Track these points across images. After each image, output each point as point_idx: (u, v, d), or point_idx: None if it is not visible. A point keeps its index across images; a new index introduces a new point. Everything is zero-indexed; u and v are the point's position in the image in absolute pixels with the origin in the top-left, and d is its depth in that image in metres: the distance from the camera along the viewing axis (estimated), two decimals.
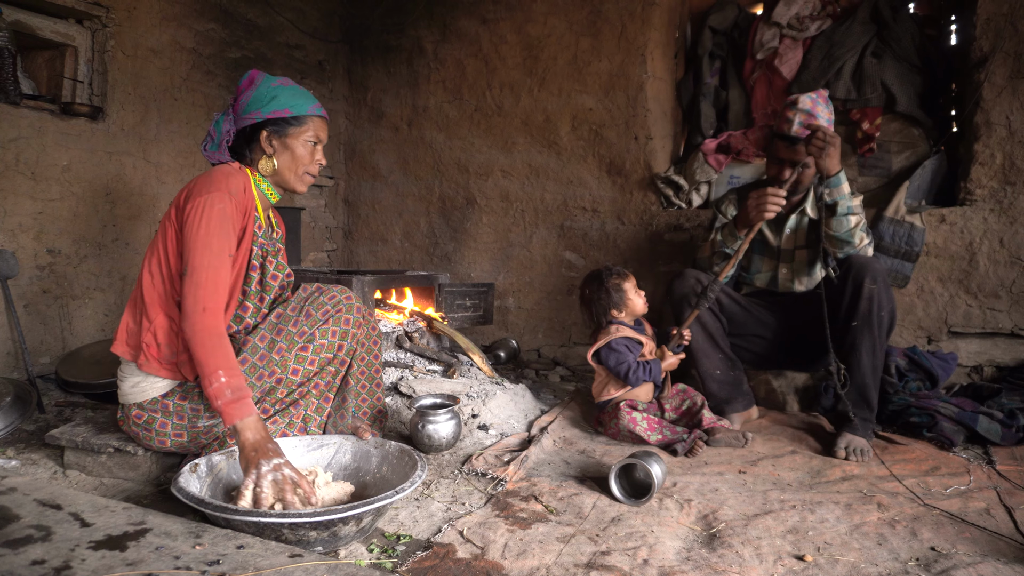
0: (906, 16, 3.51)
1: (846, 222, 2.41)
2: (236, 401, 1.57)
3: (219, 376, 1.58)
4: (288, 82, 1.92)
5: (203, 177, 1.80)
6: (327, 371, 1.94)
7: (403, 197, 4.45)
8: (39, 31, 3.00)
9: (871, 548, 1.55)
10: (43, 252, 2.95)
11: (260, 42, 3.94)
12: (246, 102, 1.87)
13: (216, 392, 1.57)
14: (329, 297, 1.93)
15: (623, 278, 2.54)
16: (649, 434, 2.30)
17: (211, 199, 1.72)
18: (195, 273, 1.66)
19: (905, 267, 3.11)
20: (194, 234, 1.69)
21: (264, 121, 1.87)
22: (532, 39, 3.95)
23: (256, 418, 1.59)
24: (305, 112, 1.89)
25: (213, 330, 1.63)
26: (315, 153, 1.94)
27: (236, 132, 1.90)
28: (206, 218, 1.70)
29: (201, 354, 1.60)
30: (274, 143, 1.89)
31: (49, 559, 1.19)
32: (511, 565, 1.43)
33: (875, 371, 2.32)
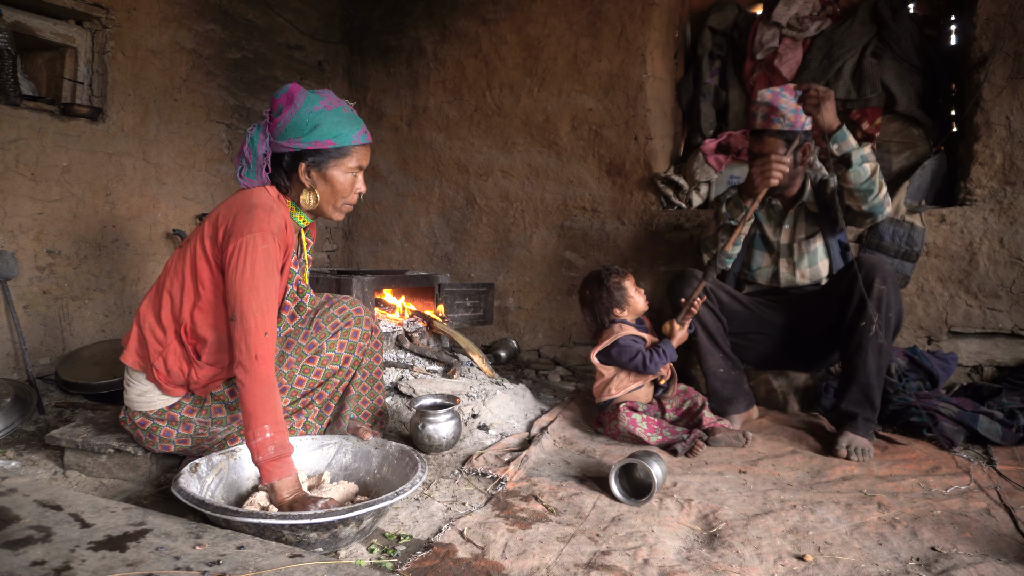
0: (906, 16, 3.51)
1: (863, 171, 2.39)
2: (278, 459, 1.51)
3: (265, 431, 1.51)
4: (332, 103, 1.76)
5: (242, 212, 1.67)
6: (331, 382, 1.94)
7: (403, 197, 4.45)
8: (39, 32, 3.00)
9: (871, 548, 1.55)
10: (43, 253, 2.95)
11: (260, 43, 3.94)
12: (284, 126, 1.72)
13: (260, 447, 1.51)
14: (339, 310, 1.92)
15: (623, 277, 2.55)
16: (649, 435, 2.31)
17: (255, 240, 1.61)
18: (244, 320, 1.57)
19: (905, 267, 3.11)
20: (240, 278, 1.59)
21: (303, 151, 1.73)
22: (532, 39, 3.96)
23: (295, 479, 1.53)
24: (349, 143, 1.76)
25: (265, 380, 1.56)
26: (356, 182, 1.83)
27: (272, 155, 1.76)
28: (251, 260, 1.60)
29: (251, 405, 1.53)
30: (313, 175, 1.76)
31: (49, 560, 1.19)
32: (511, 565, 1.43)
33: (880, 372, 2.32)
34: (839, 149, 2.38)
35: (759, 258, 2.78)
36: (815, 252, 2.69)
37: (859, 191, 2.41)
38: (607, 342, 2.49)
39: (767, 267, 2.76)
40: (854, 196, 2.44)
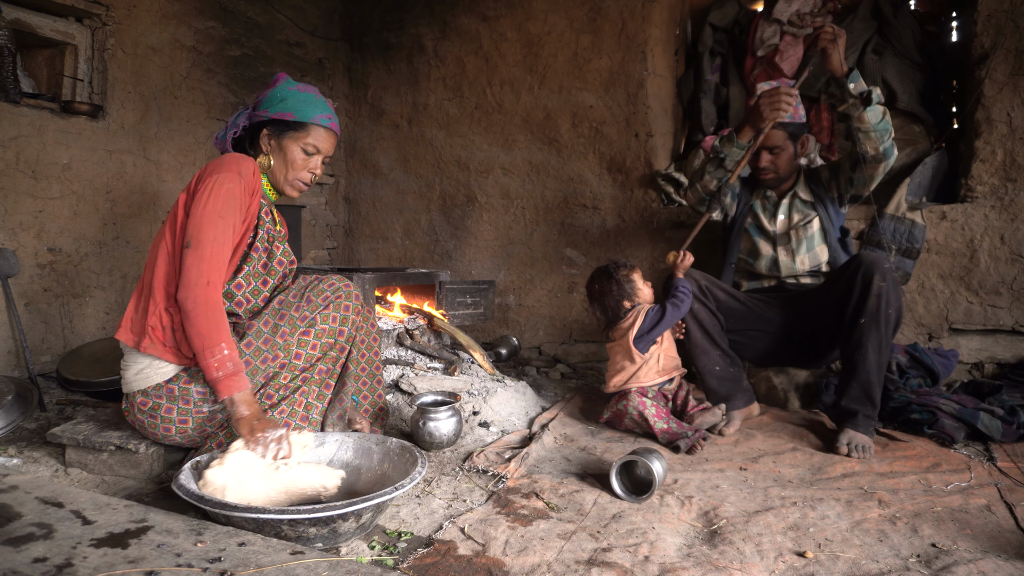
0: (907, 13, 3.51)
1: (878, 111, 2.43)
2: (235, 375, 1.64)
3: (222, 348, 1.63)
4: (306, 88, 1.95)
5: (214, 161, 1.84)
6: (329, 356, 1.97)
7: (404, 195, 4.45)
8: (39, 29, 2.99)
9: (872, 545, 1.55)
10: (44, 250, 2.95)
11: (260, 40, 3.94)
12: (261, 100, 1.93)
13: (219, 363, 1.62)
14: (328, 284, 1.99)
15: (631, 270, 2.59)
16: (656, 421, 2.32)
17: (220, 178, 1.76)
18: (200, 247, 1.69)
19: (906, 264, 3.11)
20: (201, 209, 1.72)
21: (268, 120, 1.91)
22: (532, 36, 3.95)
23: (250, 392, 1.66)
24: (307, 119, 1.91)
25: (216, 303, 1.68)
26: (309, 162, 1.96)
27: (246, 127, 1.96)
28: (215, 195, 1.74)
29: (204, 326, 1.64)
30: (272, 143, 1.93)
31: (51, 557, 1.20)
32: (512, 562, 1.43)
33: (880, 368, 2.32)
34: (856, 88, 2.41)
35: (758, 246, 2.79)
36: (812, 237, 2.72)
37: (876, 131, 2.45)
38: (639, 321, 2.51)
39: (767, 255, 2.77)
40: (871, 137, 2.46)
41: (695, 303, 2.57)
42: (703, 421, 2.39)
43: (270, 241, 1.94)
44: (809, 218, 2.72)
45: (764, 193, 2.80)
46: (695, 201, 2.84)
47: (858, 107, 2.42)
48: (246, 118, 1.96)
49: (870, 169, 2.55)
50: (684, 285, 2.53)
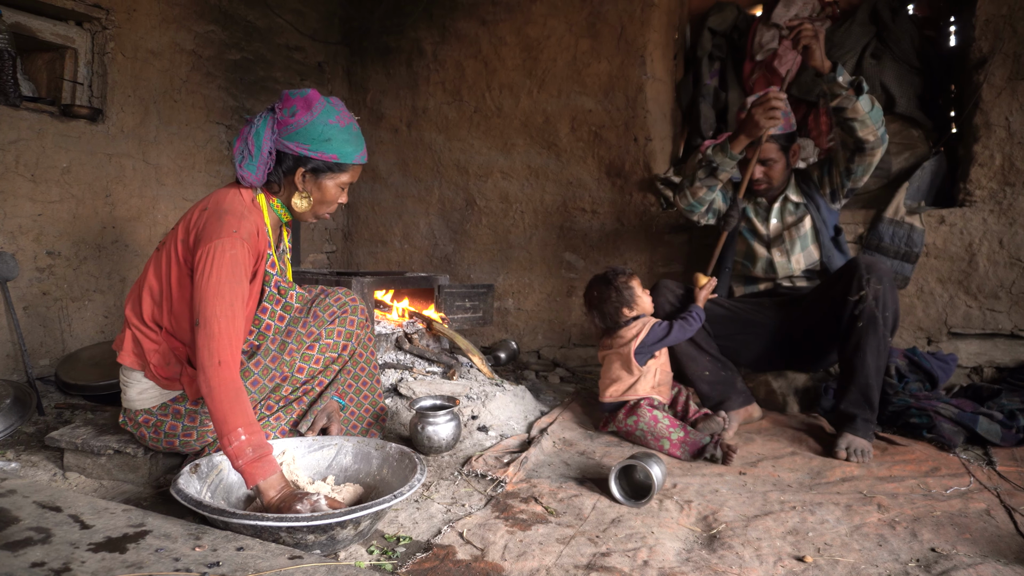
0: (905, 17, 3.51)
1: (868, 99, 2.44)
2: (258, 460, 1.48)
3: (239, 434, 1.48)
4: (345, 119, 1.78)
5: (213, 216, 1.68)
6: (330, 369, 1.98)
7: (403, 198, 4.45)
8: (39, 33, 3.00)
9: (871, 549, 1.55)
10: (43, 254, 2.95)
11: (260, 44, 3.94)
12: (295, 128, 1.72)
13: (238, 451, 1.47)
14: (335, 299, 1.98)
15: (629, 277, 2.55)
16: (671, 431, 2.27)
17: (222, 245, 1.61)
18: (207, 325, 1.56)
19: (905, 268, 3.11)
20: (205, 283, 1.59)
21: (306, 158, 1.75)
22: (531, 40, 3.96)
23: (279, 476, 1.51)
24: (351, 161, 1.79)
25: (230, 384, 1.53)
26: (342, 196, 1.86)
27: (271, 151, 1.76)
28: (216, 266, 1.60)
29: (218, 411, 1.50)
30: (308, 180, 1.79)
31: (49, 561, 1.19)
32: (511, 567, 1.43)
33: (878, 372, 2.32)
34: (845, 79, 2.42)
35: (754, 249, 2.80)
36: (805, 236, 2.73)
37: (871, 117, 2.45)
38: (643, 334, 2.47)
39: (762, 258, 2.78)
40: (867, 125, 2.47)
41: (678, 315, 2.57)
42: (706, 427, 2.37)
43: (281, 294, 1.88)
44: (801, 218, 2.73)
45: (755, 198, 2.80)
46: (684, 207, 2.82)
47: (851, 97, 2.43)
48: (271, 140, 1.73)
49: (869, 156, 2.55)
50: (699, 312, 2.53)
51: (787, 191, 2.75)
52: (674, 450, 2.24)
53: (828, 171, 2.71)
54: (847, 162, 2.61)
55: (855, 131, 2.48)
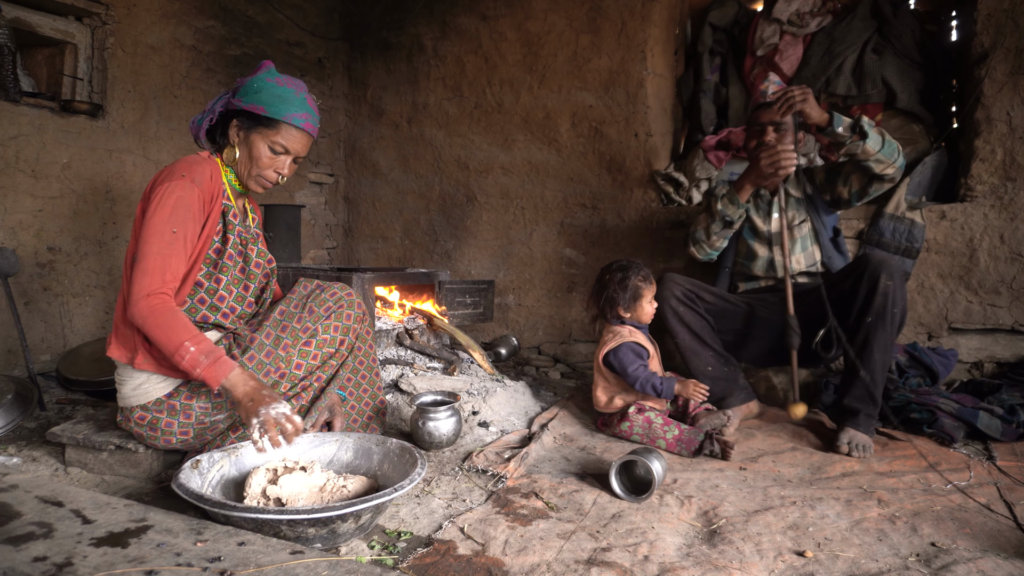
0: (906, 12, 3.51)
1: (875, 136, 2.45)
2: (213, 364, 1.58)
3: (188, 347, 1.56)
4: (287, 82, 1.83)
5: (167, 167, 1.77)
6: (328, 365, 1.97)
7: (403, 194, 4.44)
8: (39, 28, 2.99)
9: (871, 544, 1.55)
10: (44, 250, 2.95)
11: (260, 39, 3.94)
12: (240, 86, 1.83)
13: (191, 363, 1.56)
14: (331, 294, 1.97)
15: (646, 284, 2.44)
16: (666, 429, 2.26)
17: (171, 187, 1.69)
18: (143, 260, 1.63)
19: (905, 263, 3.11)
20: (148, 222, 1.66)
21: (240, 110, 1.81)
22: (532, 36, 3.95)
23: (240, 370, 1.60)
24: (279, 116, 1.79)
25: (162, 307, 1.60)
26: (276, 161, 1.84)
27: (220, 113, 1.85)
28: (162, 205, 1.67)
29: (159, 334, 1.58)
30: (240, 135, 1.83)
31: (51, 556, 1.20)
32: (512, 561, 1.43)
33: (884, 368, 2.32)
34: (845, 128, 2.44)
35: (754, 249, 2.79)
36: (806, 236, 2.74)
37: (884, 154, 2.47)
38: (613, 343, 2.40)
39: (763, 256, 2.78)
40: (882, 162, 2.48)
41: (681, 306, 2.54)
42: (707, 422, 2.36)
43: (243, 244, 1.89)
44: (802, 217, 2.73)
45: (757, 192, 2.79)
46: (702, 257, 2.87)
47: (857, 143, 2.45)
48: (223, 104, 1.84)
49: (889, 183, 2.57)
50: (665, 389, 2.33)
51: (787, 184, 2.75)
52: (671, 448, 2.24)
53: (832, 182, 2.70)
54: (863, 186, 2.61)
55: (871, 169, 2.51)
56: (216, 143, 1.89)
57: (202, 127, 1.85)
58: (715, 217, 2.73)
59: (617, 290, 2.44)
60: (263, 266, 1.96)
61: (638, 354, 2.40)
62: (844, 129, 2.44)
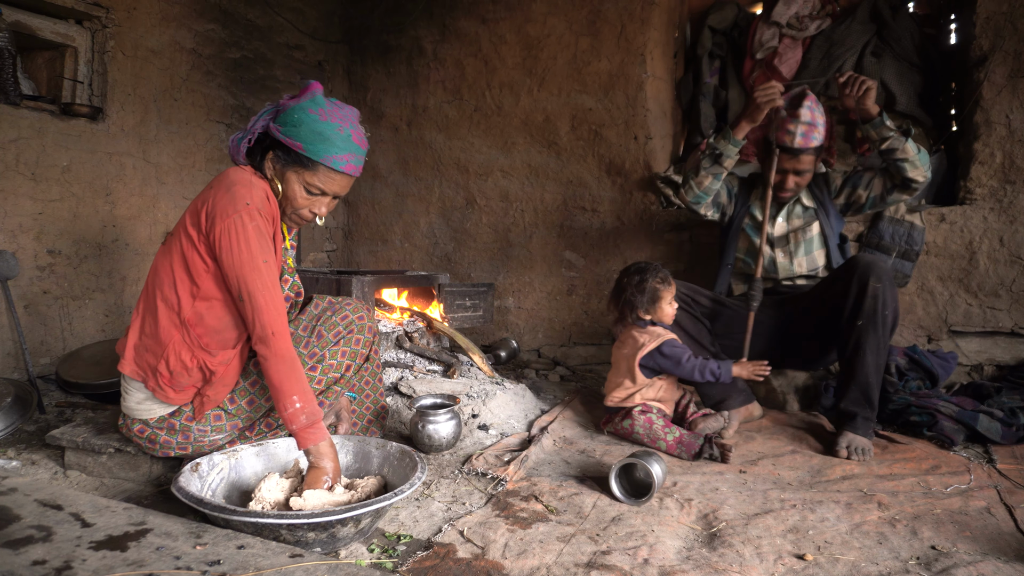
0: (905, 15, 3.51)
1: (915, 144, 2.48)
2: (310, 427, 1.58)
3: (294, 402, 1.57)
4: (330, 115, 1.66)
5: (221, 192, 1.63)
6: (333, 390, 1.95)
7: (403, 197, 4.45)
8: (39, 32, 3.00)
9: (872, 547, 1.55)
10: (43, 253, 2.95)
11: (260, 42, 3.94)
12: (283, 110, 1.68)
13: (291, 417, 1.57)
14: (342, 317, 1.92)
15: (665, 286, 2.43)
16: (667, 431, 2.26)
17: (241, 219, 1.59)
18: (253, 299, 1.59)
19: (905, 266, 3.11)
20: (238, 259, 1.58)
21: (278, 141, 1.68)
22: (532, 39, 3.95)
23: (329, 443, 1.62)
24: (316, 158, 1.65)
25: (285, 354, 1.60)
26: (313, 203, 1.73)
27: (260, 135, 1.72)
28: (243, 240, 1.58)
29: (276, 379, 1.58)
30: (275, 168, 1.71)
31: (50, 559, 1.19)
32: (511, 565, 1.43)
33: (878, 370, 2.33)
34: (889, 128, 2.46)
35: (756, 244, 2.79)
36: (812, 240, 2.73)
37: (920, 159, 2.49)
38: (651, 345, 2.38)
39: (766, 255, 2.78)
40: (917, 167, 2.50)
41: (677, 311, 2.54)
42: (706, 427, 2.35)
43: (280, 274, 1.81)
44: (809, 222, 2.72)
45: (762, 195, 2.79)
46: (691, 199, 2.79)
47: (900, 138, 2.47)
48: (264, 124, 1.70)
49: (910, 193, 2.59)
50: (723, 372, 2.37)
51: (800, 194, 2.74)
52: (671, 450, 2.24)
53: (852, 188, 2.70)
54: (884, 192, 2.63)
55: (905, 171, 2.52)
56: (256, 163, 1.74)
57: (240, 149, 1.72)
58: (706, 152, 2.70)
59: (635, 293, 2.42)
60: (291, 298, 1.90)
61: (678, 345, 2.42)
62: (888, 128, 2.46)
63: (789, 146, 2.54)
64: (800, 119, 2.51)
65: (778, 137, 2.57)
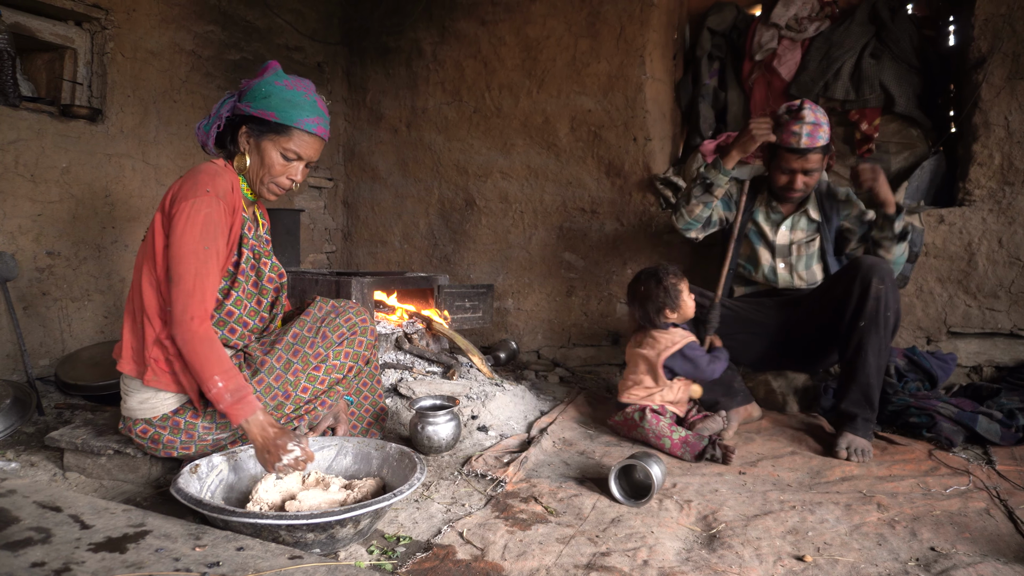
0: (904, 17, 3.52)
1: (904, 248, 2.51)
2: (238, 402, 1.60)
3: (216, 381, 1.60)
4: (296, 84, 1.78)
5: (188, 179, 1.72)
6: (335, 390, 1.96)
7: (402, 199, 4.45)
8: (38, 33, 3.00)
9: (871, 548, 1.55)
10: (42, 254, 2.95)
11: (259, 44, 3.94)
12: (246, 91, 1.78)
13: (217, 397, 1.59)
14: (345, 319, 1.95)
15: (680, 279, 2.45)
16: (673, 429, 2.27)
17: (197, 204, 1.65)
18: (182, 281, 1.63)
19: (904, 268, 3.11)
20: (179, 240, 1.64)
21: (249, 116, 1.76)
22: (531, 40, 3.96)
23: (260, 414, 1.62)
24: (291, 122, 1.74)
25: (204, 337, 1.62)
26: (289, 168, 1.81)
27: (228, 118, 1.81)
28: (191, 224, 1.64)
29: (195, 362, 1.61)
30: (250, 141, 1.79)
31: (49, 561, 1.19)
32: (511, 566, 1.43)
33: (879, 371, 2.33)
34: (899, 226, 2.46)
35: (758, 254, 2.79)
36: (813, 255, 2.71)
37: (895, 259, 2.53)
38: (681, 344, 2.41)
39: (765, 264, 2.78)
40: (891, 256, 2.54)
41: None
42: (705, 427, 2.35)
43: (256, 258, 1.86)
44: (812, 236, 2.71)
45: (769, 202, 2.78)
46: (681, 226, 2.81)
47: (893, 242, 2.50)
48: (229, 108, 1.79)
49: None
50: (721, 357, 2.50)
51: (807, 205, 2.72)
52: (675, 449, 2.23)
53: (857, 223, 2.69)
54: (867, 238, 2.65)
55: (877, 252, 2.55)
56: (226, 149, 1.84)
57: (210, 134, 1.80)
58: (697, 180, 2.71)
59: (661, 295, 2.42)
60: (275, 280, 1.92)
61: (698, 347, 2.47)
62: (898, 226, 2.46)
63: (796, 147, 2.52)
64: (804, 120, 2.50)
65: (783, 139, 2.56)
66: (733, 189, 2.86)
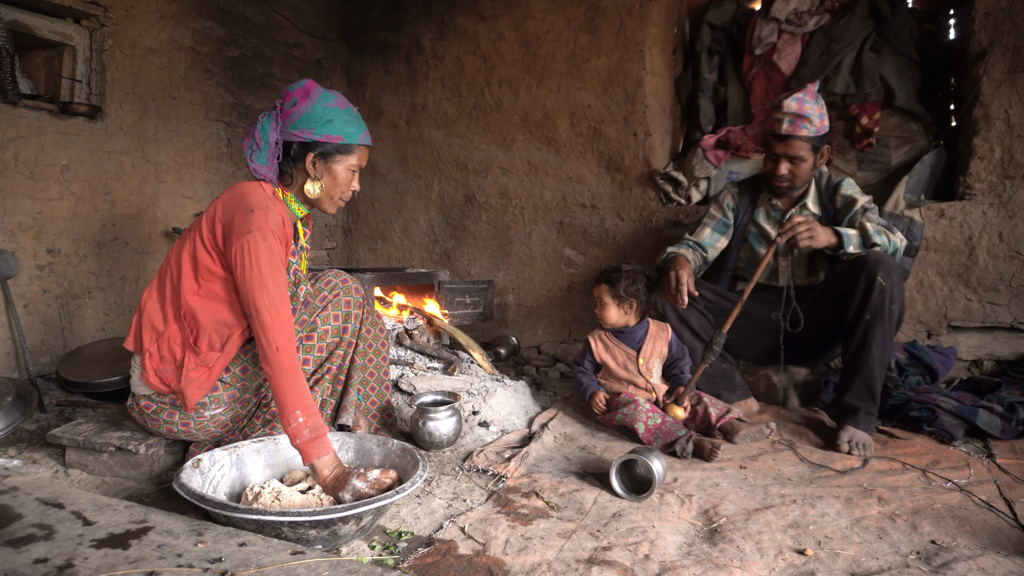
0: (904, 10, 3.51)
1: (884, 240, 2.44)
2: (314, 440, 1.59)
3: (297, 416, 1.59)
4: (344, 103, 1.87)
5: (239, 213, 1.72)
6: (336, 355, 1.97)
7: (402, 195, 4.45)
8: (37, 30, 2.99)
9: (872, 542, 1.55)
10: (43, 252, 2.95)
11: (258, 40, 3.93)
12: (297, 116, 1.80)
13: (295, 432, 1.58)
14: (325, 283, 1.99)
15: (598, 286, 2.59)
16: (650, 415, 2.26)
17: (254, 239, 1.68)
18: (259, 315, 1.65)
19: (905, 262, 3.10)
20: (249, 276, 1.66)
21: (313, 143, 1.82)
22: (530, 36, 3.95)
23: (332, 456, 1.61)
24: (355, 141, 1.86)
25: (289, 369, 1.63)
26: (353, 180, 1.92)
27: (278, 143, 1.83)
28: (255, 259, 1.67)
29: (280, 394, 1.61)
30: (319, 166, 1.85)
31: (52, 558, 1.20)
32: (512, 561, 1.43)
33: (883, 365, 2.32)
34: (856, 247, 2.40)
35: (759, 256, 2.78)
36: (813, 254, 2.69)
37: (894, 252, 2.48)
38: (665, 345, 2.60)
39: (767, 265, 2.76)
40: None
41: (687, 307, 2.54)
42: (747, 435, 2.29)
43: (296, 284, 1.92)
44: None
45: (770, 200, 2.77)
46: None
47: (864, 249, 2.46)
48: (277, 132, 1.81)
49: None
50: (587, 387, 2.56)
51: (807, 199, 2.70)
52: (647, 436, 2.23)
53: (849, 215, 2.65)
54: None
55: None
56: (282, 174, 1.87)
57: (269, 167, 1.82)
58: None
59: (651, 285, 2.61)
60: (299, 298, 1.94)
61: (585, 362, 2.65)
62: (855, 248, 2.40)
63: (777, 132, 2.55)
64: (784, 110, 2.52)
65: (769, 125, 2.60)
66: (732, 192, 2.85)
